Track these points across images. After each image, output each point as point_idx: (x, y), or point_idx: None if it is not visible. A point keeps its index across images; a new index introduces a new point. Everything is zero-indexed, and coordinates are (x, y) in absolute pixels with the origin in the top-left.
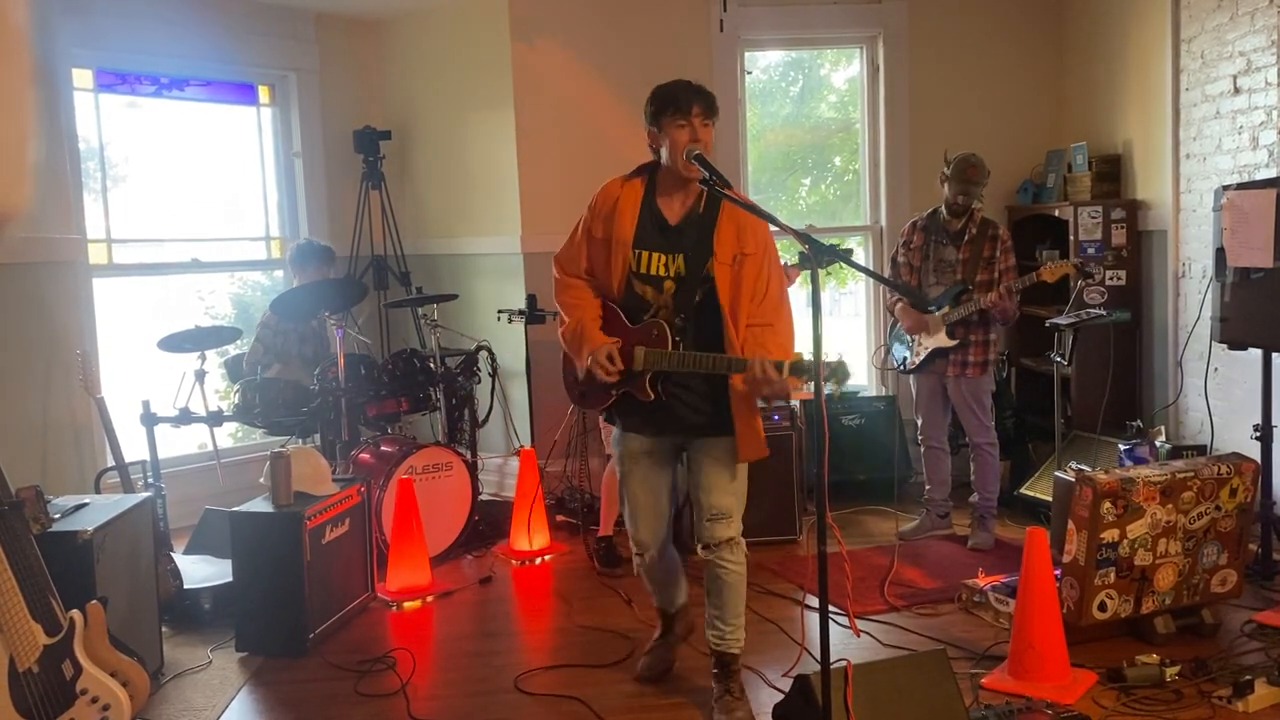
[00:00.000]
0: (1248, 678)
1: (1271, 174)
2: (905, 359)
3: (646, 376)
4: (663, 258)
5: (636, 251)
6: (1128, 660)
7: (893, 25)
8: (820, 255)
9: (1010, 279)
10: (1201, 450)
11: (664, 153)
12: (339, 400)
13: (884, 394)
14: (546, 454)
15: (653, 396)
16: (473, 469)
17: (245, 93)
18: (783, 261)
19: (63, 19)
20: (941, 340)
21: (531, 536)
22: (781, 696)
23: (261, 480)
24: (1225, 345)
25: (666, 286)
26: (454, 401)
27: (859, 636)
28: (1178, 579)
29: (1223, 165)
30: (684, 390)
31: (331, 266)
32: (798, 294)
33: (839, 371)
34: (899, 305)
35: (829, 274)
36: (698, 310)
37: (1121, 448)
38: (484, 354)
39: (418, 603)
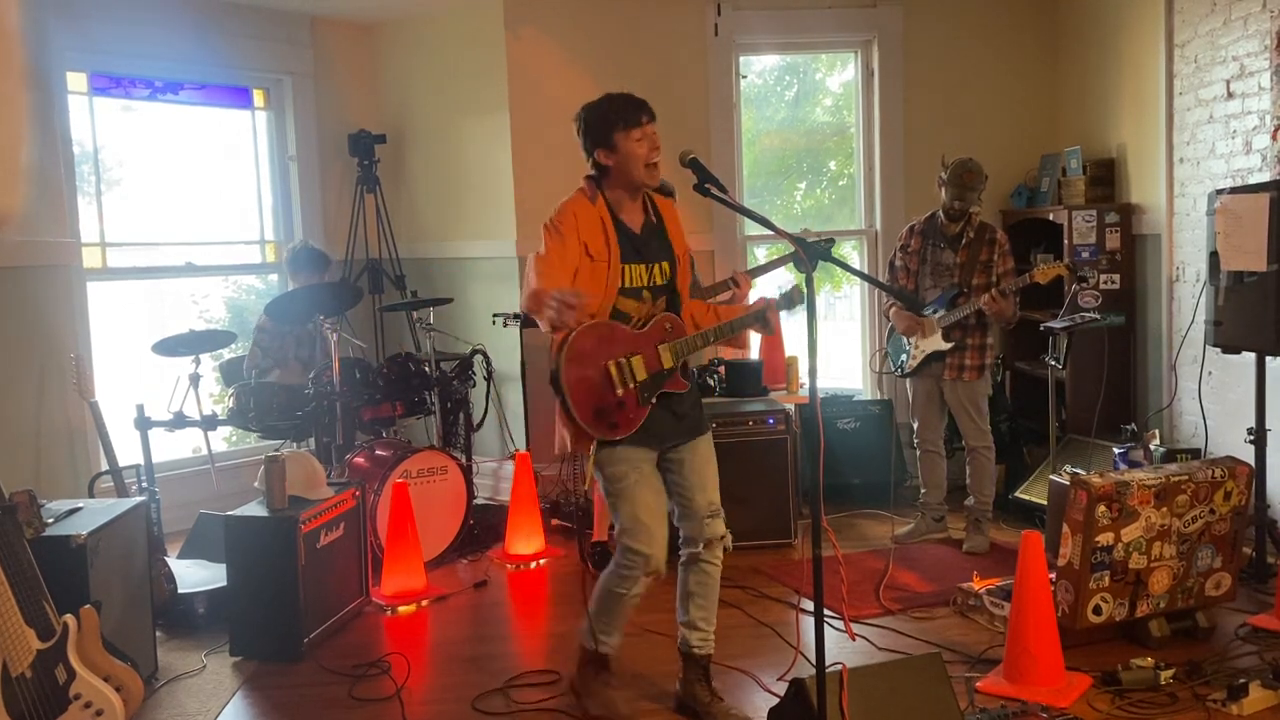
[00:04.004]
0: (1242, 680)
1: (1265, 178)
2: (902, 362)
3: (678, 368)
4: (640, 269)
5: (623, 267)
6: (1122, 664)
7: (887, 29)
8: (813, 259)
9: (1009, 282)
10: (1196, 454)
11: (618, 167)
12: (334, 404)
13: (879, 398)
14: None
15: (689, 385)
16: (467, 473)
17: (240, 96)
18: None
19: (57, 23)
20: (937, 343)
21: (526, 540)
22: (776, 700)
23: (256, 484)
24: (1219, 349)
25: (645, 296)
26: (449, 405)
27: (854, 640)
28: (1172, 582)
29: (1216, 169)
30: (677, 397)
31: (325, 272)
32: None
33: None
34: (893, 308)
35: (827, 278)
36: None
37: (1116, 451)
38: (479, 358)
39: (413, 607)
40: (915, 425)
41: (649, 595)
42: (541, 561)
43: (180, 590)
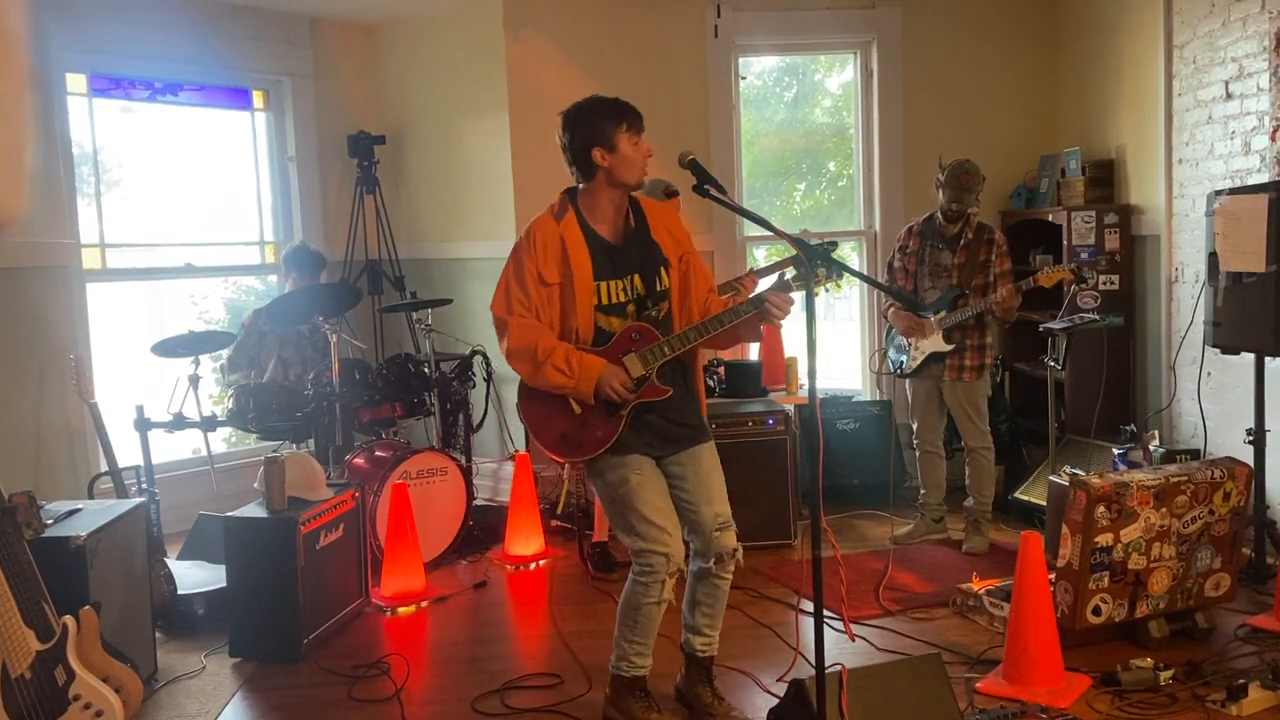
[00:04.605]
0: (1241, 681)
1: (1264, 179)
2: (901, 363)
3: (653, 374)
4: (620, 283)
5: (596, 284)
6: (1122, 664)
7: (886, 30)
8: (813, 259)
9: (1006, 283)
10: (1195, 454)
11: (614, 168)
12: (333, 405)
13: (879, 398)
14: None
15: (671, 390)
16: (467, 474)
17: (239, 97)
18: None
19: (56, 24)
20: (938, 344)
21: (526, 541)
22: (776, 701)
23: (255, 485)
24: (1218, 350)
25: (629, 311)
26: (448, 406)
27: (853, 641)
28: (1171, 583)
29: (1215, 170)
30: (667, 404)
31: (320, 274)
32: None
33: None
34: (892, 309)
35: (826, 285)
36: (660, 320)
37: (1115, 452)
38: (478, 358)
39: (412, 608)
40: (914, 426)
41: None
42: (541, 563)
43: (180, 591)
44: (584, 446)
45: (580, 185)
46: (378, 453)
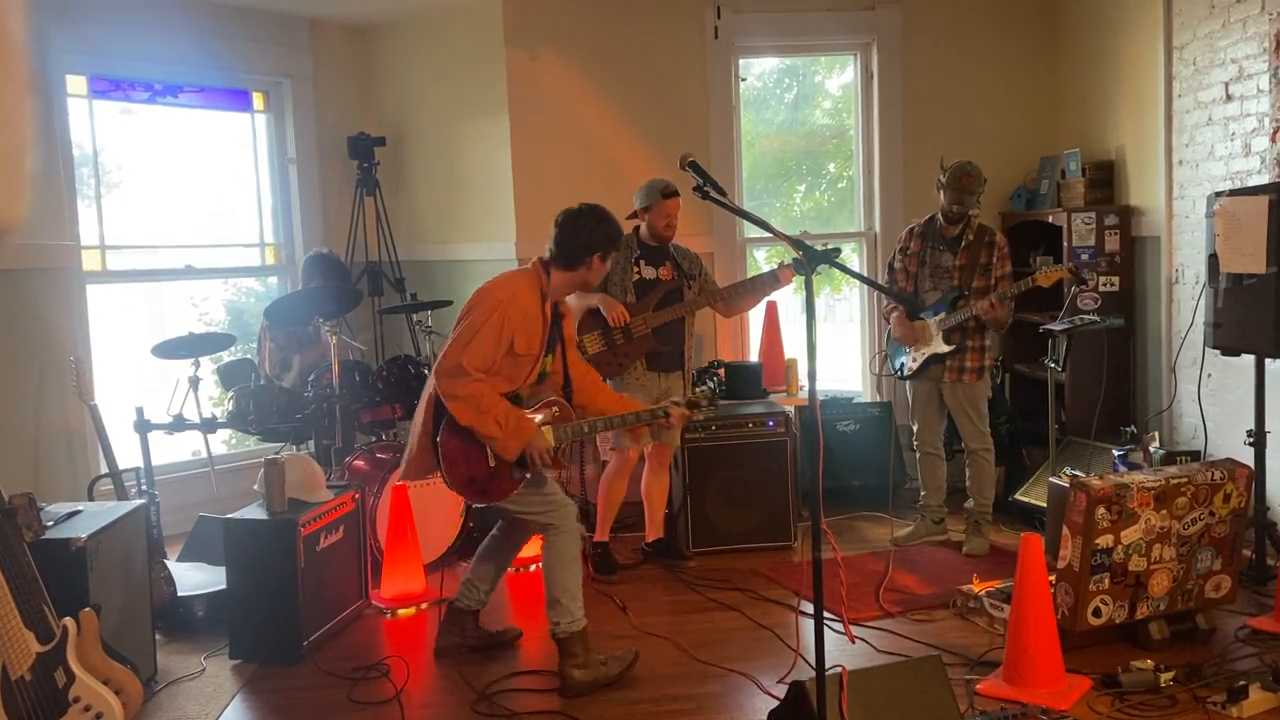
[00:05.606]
0: (1242, 683)
1: (1264, 180)
2: (902, 365)
3: (563, 449)
4: (546, 359)
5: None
6: (1122, 666)
7: (887, 32)
8: (813, 261)
9: (1006, 286)
10: (1195, 456)
11: (593, 276)
12: (333, 406)
13: (879, 400)
14: None
15: (569, 467)
16: None
17: (239, 99)
18: (776, 263)
19: (56, 25)
20: (938, 346)
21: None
22: (776, 703)
23: (255, 487)
24: (1218, 351)
25: (530, 383)
26: None
27: (854, 643)
28: (1172, 584)
29: (1215, 171)
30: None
31: (343, 281)
32: (792, 298)
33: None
34: (893, 314)
35: (826, 280)
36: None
37: (1116, 453)
38: None
39: (412, 610)
40: (915, 427)
41: (643, 599)
42: (541, 564)
43: (180, 593)
44: (488, 495)
45: (553, 265)
46: (378, 454)
